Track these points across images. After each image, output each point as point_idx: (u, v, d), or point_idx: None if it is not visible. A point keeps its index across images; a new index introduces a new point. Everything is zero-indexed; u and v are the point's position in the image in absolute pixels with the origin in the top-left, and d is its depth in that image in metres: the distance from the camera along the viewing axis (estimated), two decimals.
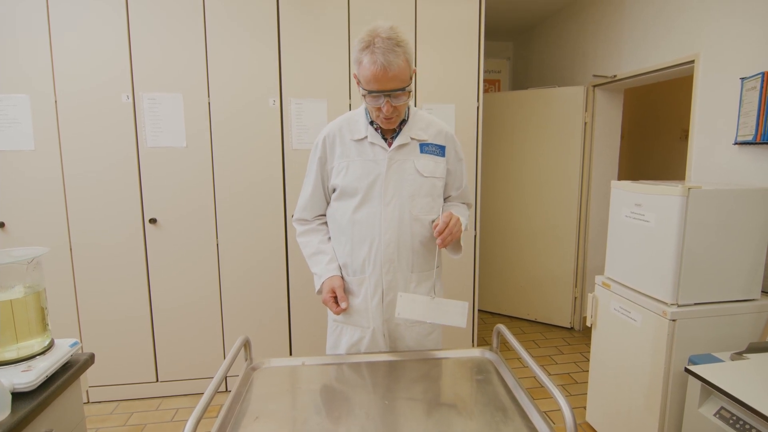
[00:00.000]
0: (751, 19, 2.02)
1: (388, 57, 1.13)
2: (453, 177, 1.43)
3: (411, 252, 1.34)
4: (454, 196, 1.47)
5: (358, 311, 1.36)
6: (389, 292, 1.34)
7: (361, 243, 1.33)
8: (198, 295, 2.54)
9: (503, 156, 3.70)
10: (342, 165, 1.32)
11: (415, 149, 1.34)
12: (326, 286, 1.33)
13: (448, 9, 2.65)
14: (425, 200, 1.33)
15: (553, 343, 3.34)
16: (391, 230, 1.31)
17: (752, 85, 1.94)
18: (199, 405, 0.83)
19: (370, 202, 1.31)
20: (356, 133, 1.33)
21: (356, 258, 1.35)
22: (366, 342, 1.36)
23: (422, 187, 1.33)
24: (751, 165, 2.01)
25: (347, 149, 1.33)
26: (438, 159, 1.37)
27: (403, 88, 1.19)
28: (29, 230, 2.34)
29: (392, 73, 1.15)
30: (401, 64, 1.15)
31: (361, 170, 1.31)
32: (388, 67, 1.14)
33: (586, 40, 3.37)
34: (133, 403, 2.52)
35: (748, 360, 1.54)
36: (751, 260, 1.78)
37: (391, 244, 1.31)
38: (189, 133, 2.43)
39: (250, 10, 2.43)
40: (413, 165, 1.32)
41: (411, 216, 1.32)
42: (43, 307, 1.16)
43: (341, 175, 1.32)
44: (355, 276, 1.36)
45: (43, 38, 2.26)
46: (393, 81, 1.16)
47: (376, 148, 1.32)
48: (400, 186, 1.31)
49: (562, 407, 0.83)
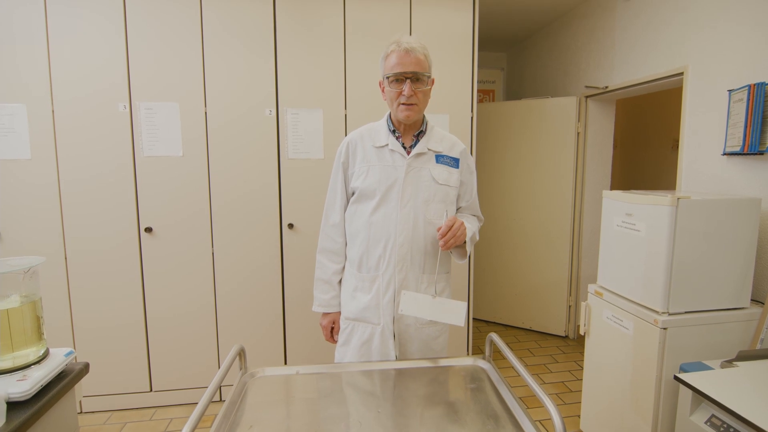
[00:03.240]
0: (737, 32, 2.07)
1: (412, 44, 1.32)
2: (465, 188, 1.53)
3: (423, 253, 1.42)
4: (464, 206, 1.56)
5: (369, 308, 1.43)
6: (401, 290, 1.39)
7: (376, 242, 1.41)
8: (193, 304, 2.54)
9: (497, 165, 3.74)
10: (363, 169, 1.42)
11: (431, 159, 1.44)
12: (328, 318, 1.53)
13: (442, 20, 2.69)
14: (439, 206, 1.43)
15: (548, 351, 3.35)
16: (406, 231, 1.39)
17: (739, 97, 1.98)
18: (193, 415, 0.83)
19: (387, 204, 1.40)
20: (378, 141, 1.44)
21: (371, 256, 1.42)
22: (376, 341, 1.42)
23: (437, 193, 1.42)
24: (739, 175, 2.05)
25: (368, 155, 1.43)
26: (452, 170, 1.46)
27: (425, 72, 1.34)
28: (25, 239, 2.34)
29: (414, 57, 1.32)
30: (421, 55, 1.34)
31: (381, 174, 1.40)
32: (411, 50, 1.32)
33: (579, 51, 3.42)
34: (126, 413, 2.51)
35: (737, 368, 1.55)
36: (740, 269, 1.81)
37: (405, 245, 1.39)
38: (185, 142, 2.45)
39: (247, 20, 2.46)
40: (429, 172, 1.42)
41: (425, 219, 1.40)
42: (39, 316, 1.16)
43: (361, 178, 1.42)
44: (369, 273, 1.44)
45: (41, 47, 2.27)
46: (415, 64, 1.32)
47: (395, 155, 1.42)
48: (416, 191, 1.40)
49: (552, 415, 0.84)
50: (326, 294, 1.52)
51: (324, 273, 1.53)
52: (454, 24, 2.71)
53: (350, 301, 1.48)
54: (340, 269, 1.53)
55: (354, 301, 1.47)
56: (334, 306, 1.52)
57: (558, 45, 3.72)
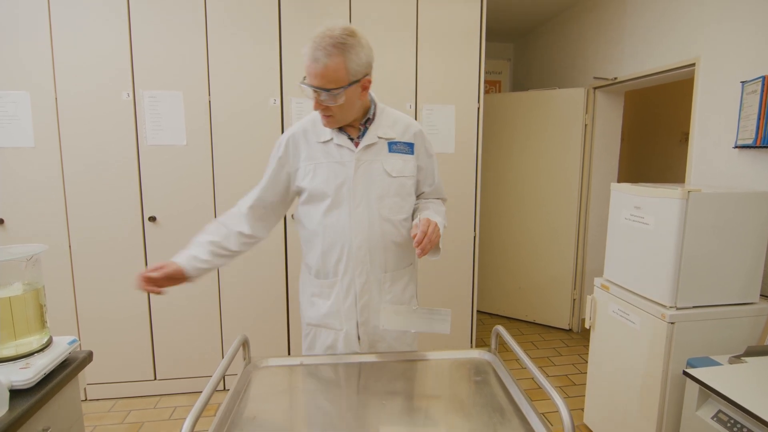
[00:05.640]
0: (751, 22, 2.02)
1: (317, 53, 1.11)
2: (424, 173, 1.41)
3: (383, 252, 1.32)
4: (427, 192, 1.45)
5: (330, 314, 1.35)
6: (363, 294, 1.32)
7: (331, 247, 1.31)
8: (197, 294, 2.54)
9: (503, 157, 3.70)
10: (309, 167, 1.30)
11: (383, 149, 1.31)
12: (168, 267, 1.24)
13: (450, 10, 2.65)
14: (394, 200, 1.31)
15: (552, 344, 3.34)
16: (362, 233, 1.29)
17: (753, 89, 1.94)
18: (197, 404, 0.83)
19: (339, 206, 1.28)
20: (322, 135, 1.30)
21: (328, 262, 1.33)
22: (340, 344, 1.35)
23: (390, 187, 1.30)
24: (751, 168, 2.02)
25: (313, 151, 1.30)
26: (406, 157, 1.34)
27: (329, 89, 1.14)
28: (28, 227, 2.34)
29: (318, 70, 1.12)
30: (330, 64, 1.11)
31: (328, 173, 1.28)
32: (314, 63, 1.12)
33: (587, 42, 3.37)
34: (130, 401, 2.52)
35: (746, 363, 1.54)
36: (750, 264, 1.79)
37: (363, 247, 1.30)
38: (189, 131, 2.43)
39: (251, 9, 2.42)
40: (381, 165, 1.30)
41: (380, 217, 1.30)
42: (42, 304, 1.16)
43: (308, 177, 1.30)
44: (327, 279, 1.35)
45: (44, 34, 2.25)
46: (318, 78, 1.13)
47: (343, 150, 1.29)
48: (369, 187, 1.29)
49: (560, 409, 0.83)
50: (187, 249, 1.30)
51: (204, 235, 1.34)
52: (462, 14, 2.67)
53: (309, 308, 1.40)
54: (220, 241, 1.33)
55: (313, 307, 1.39)
56: (181, 256, 1.27)
57: (566, 36, 3.66)
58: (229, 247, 1.34)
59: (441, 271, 2.82)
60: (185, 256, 1.26)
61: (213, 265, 1.31)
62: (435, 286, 2.83)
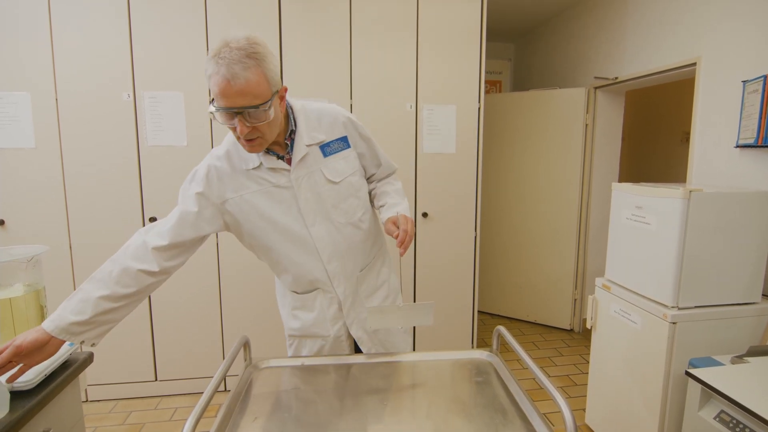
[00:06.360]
0: (753, 22, 2.02)
1: (233, 68, 0.96)
2: (368, 159, 1.35)
3: (353, 255, 1.29)
4: (377, 173, 1.40)
5: (316, 323, 1.32)
6: (346, 300, 1.31)
7: (302, 274, 1.27)
8: (198, 294, 2.54)
9: (504, 157, 3.70)
10: (243, 200, 1.18)
11: (317, 156, 1.21)
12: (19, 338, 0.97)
13: (450, 10, 2.65)
14: (348, 202, 1.26)
15: (553, 344, 3.33)
16: (328, 248, 1.24)
17: (754, 88, 1.93)
18: (198, 404, 0.82)
19: (294, 232, 1.21)
20: (248, 162, 1.17)
21: (301, 283, 1.29)
22: (327, 349, 1.35)
23: (339, 192, 1.24)
24: (753, 168, 2.01)
25: (242, 182, 1.17)
26: (345, 153, 1.26)
27: (257, 105, 1.00)
28: (29, 228, 2.34)
29: (238, 87, 0.97)
30: (251, 77, 0.98)
31: (268, 201, 1.18)
32: (233, 79, 0.96)
33: (588, 41, 3.36)
34: (131, 402, 2.52)
35: (748, 363, 1.53)
36: (752, 263, 1.78)
37: (333, 261, 1.25)
38: (190, 132, 2.43)
39: (252, 10, 2.42)
40: (322, 175, 1.21)
41: (341, 224, 1.25)
42: (43, 305, 1.16)
43: (245, 210, 1.18)
44: (307, 293, 1.32)
45: (45, 35, 2.25)
46: (241, 96, 0.98)
47: (277, 172, 1.18)
48: (318, 201, 1.21)
49: (563, 409, 0.82)
50: (75, 314, 1.11)
51: (95, 287, 1.18)
52: (462, 14, 2.66)
53: (291, 320, 1.36)
54: (118, 297, 1.17)
55: (296, 319, 1.34)
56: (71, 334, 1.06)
57: (567, 35, 3.66)
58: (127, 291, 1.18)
59: (442, 271, 2.82)
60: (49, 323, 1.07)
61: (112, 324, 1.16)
62: (436, 286, 2.82)
